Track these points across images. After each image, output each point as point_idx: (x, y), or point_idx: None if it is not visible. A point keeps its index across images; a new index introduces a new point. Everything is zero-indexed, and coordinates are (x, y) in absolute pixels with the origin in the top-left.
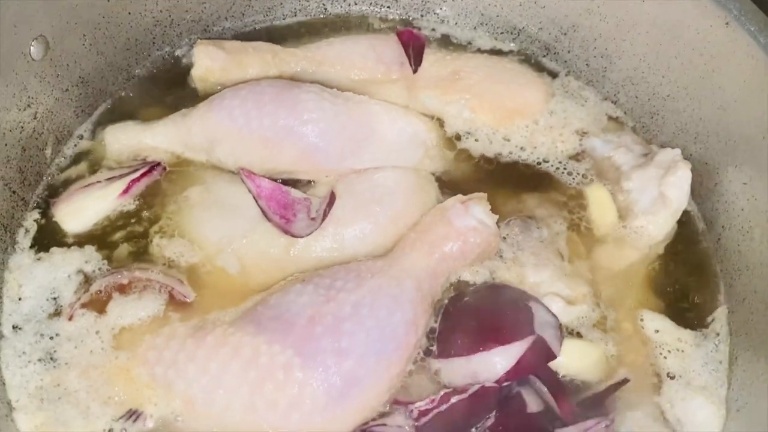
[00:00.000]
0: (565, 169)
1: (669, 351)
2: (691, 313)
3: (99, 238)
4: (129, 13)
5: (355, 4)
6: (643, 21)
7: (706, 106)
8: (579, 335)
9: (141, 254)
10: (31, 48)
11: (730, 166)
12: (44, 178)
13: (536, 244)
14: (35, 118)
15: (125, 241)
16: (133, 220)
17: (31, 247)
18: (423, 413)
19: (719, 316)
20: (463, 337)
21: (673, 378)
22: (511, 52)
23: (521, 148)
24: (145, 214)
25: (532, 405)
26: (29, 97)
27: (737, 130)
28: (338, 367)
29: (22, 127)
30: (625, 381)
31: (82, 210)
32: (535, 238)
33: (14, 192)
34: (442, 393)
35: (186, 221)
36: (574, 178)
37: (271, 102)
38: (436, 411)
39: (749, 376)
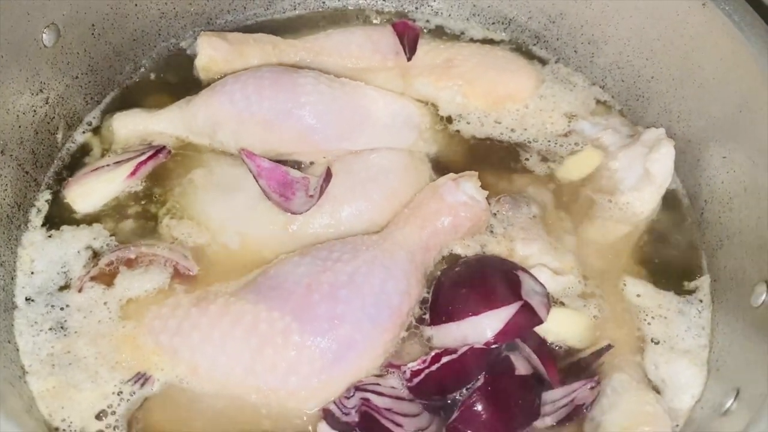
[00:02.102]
0: (556, 143)
1: (653, 317)
2: (676, 283)
3: (107, 217)
4: (136, 5)
5: None
6: (626, 6)
7: (687, 86)
8: (565, 305)
9: (148, 232)
10: (43, 35)
11: (710, 142)
12: (55, 161)
13: (526, 220)
14: (47, 103)
15: (133, 220)
16: (141, 201)
17: (43, 225)
18: (415, 374)
19: (702, 285)
20: (454, 303)
21: (657, 343)
22: (502, 41)
23: (512, 130)
24: (152, 195)
25: (521, 368)
26: (41, 82)
27: (716, 107)
28: (334, 331)
29: (35, 111)
30: (609, 347)
31: (92, 191)
32: (524, 214)
33: (27, 173)
34: (433, 353)
35: (191, 202)
36: (566, 149)
37: (271, 86)
38: (427, 371)
39: (728, 338)
